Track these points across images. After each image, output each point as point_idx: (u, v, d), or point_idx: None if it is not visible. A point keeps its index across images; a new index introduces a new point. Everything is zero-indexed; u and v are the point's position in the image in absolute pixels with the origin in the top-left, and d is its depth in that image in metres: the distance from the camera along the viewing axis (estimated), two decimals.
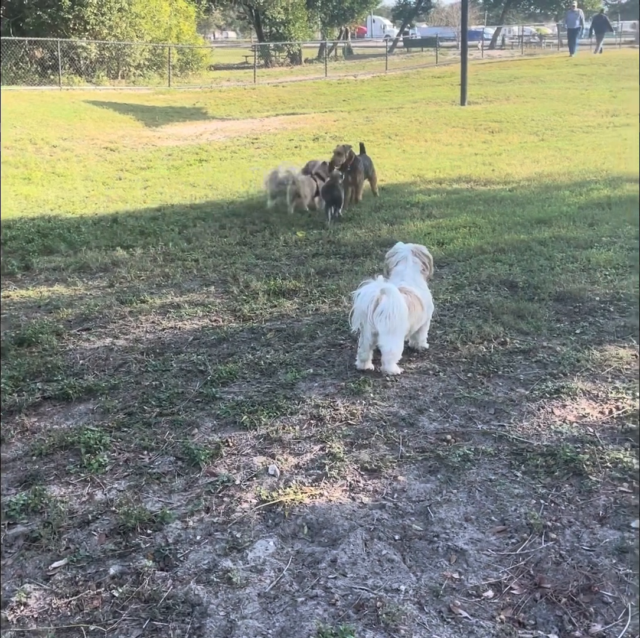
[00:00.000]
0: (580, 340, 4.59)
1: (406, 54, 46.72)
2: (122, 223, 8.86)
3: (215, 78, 32.76)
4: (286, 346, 4.81)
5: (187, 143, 16.61)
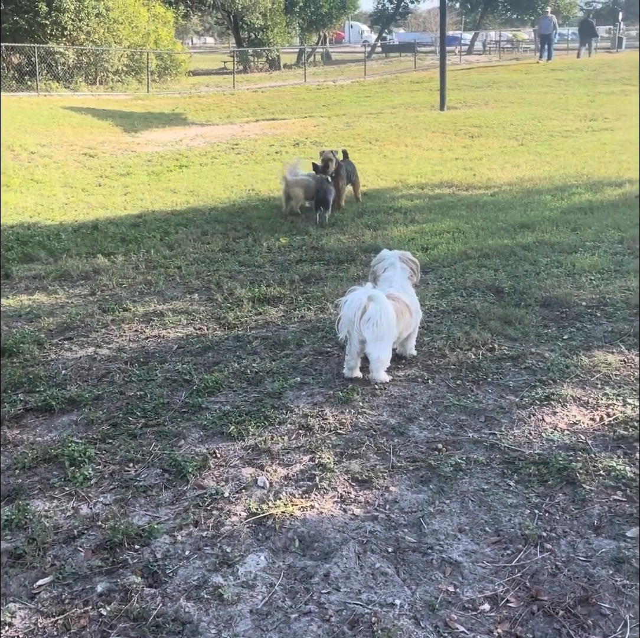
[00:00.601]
0: (568, 346, 4.57)
1: (384, 60, 46.85)
2: (102, 230, 8.77)
3: (194, 84, 32.67)
4: (272, 355, 4.76)
5: (166, 149, 16.52)
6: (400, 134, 16.99)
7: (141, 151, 16.40)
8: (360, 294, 4.13)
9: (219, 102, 26.20)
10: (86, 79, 27.80)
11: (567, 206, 8.75)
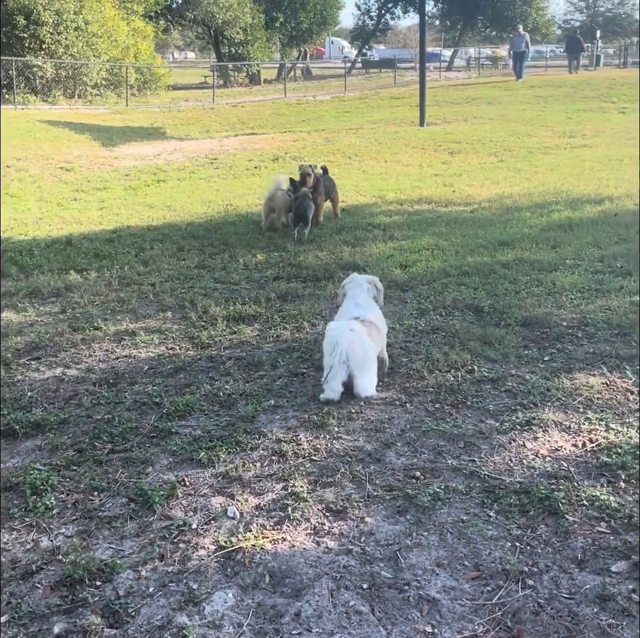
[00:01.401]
0: (549, 368, 4.46)
1: (365, 75, 47.01)
2: (76, 246, 8.60)
3: (173, 98, 32.54)
4: (246, 376, 4.62)
5: (144, 163, 16.36)
6: (380, 149, 16.94)
7: (119, 165, 16.23)
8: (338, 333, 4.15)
9: (199, 117, 26.09)
10: (65, 92, 27.62)
11: (547, 223, 8.69)
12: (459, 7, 52.99)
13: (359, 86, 38.04)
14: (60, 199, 12.29)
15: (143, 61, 31.77)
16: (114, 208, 11.29)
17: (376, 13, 55.09)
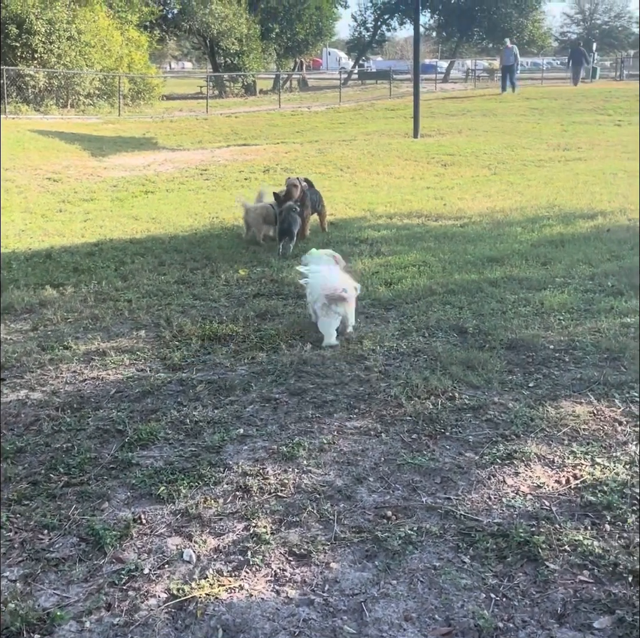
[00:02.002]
0: (533, 395, 4.24)
1: (361, 87, 46.98)
2: (56, 259, 8.38)
3: (167, 108, 32.43)
4: (216, 401, 4.39)
5: (133, 174, 16.16)
6: (373, 161, 16.77)
7: (107, 175, 16.03)
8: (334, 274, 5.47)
9: (191, 127, 25.96)
10: (57, 102, 27.48)
11: (538, 238, 8.49)
12: (456, 19, 53.11)
13: (355, 97, 37.97)
14: (45, 211, 12.08)
15: (137, 71, 31.64)
16: (99, 220, 11.08)
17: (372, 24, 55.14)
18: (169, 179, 15.44)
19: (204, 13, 39.70)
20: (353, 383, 4.53)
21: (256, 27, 42.22)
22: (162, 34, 40.89)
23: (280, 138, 22.91)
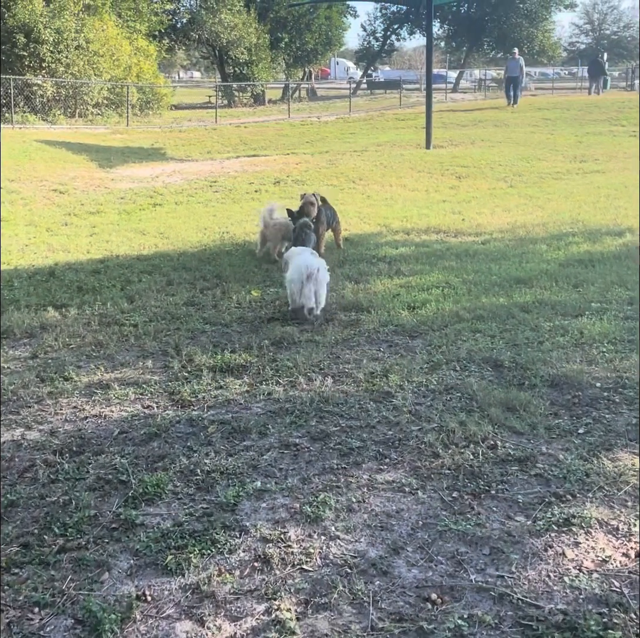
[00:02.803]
0: (585, 444, 3.80)
1: (369, 96, 46.67)
2: (59, 277, 7.99)
3: (176, 118, 32.12)
4: (230, 446, 3.96)
5: (141, 185, 15.78)
6: (385, 173, 16.36)
7: (114, 187, 15.66)
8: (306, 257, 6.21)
9: (200, 137, 25.61)
10: (65, 111, 27.17)
11: (565, 257, 8.06)
12: (465, 29, 52.78)
13: (364, 107, 37.62)
14: (50, 224, 11.70)
15: (146, 80, 31.34)
16: (105, 234, 10.69)
17: (382, 34, 54.86)
18: (177, 191, 15.06)
19: (213, 22, 39.49)
20: (381, 426, 4.10)
21: (265, 36, 41.97)
22: (171, 44, 40.65)
23: (290, 148, 22.54)
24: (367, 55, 56.64)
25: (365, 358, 5.17)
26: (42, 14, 25.01)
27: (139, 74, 30.62)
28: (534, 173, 15.85)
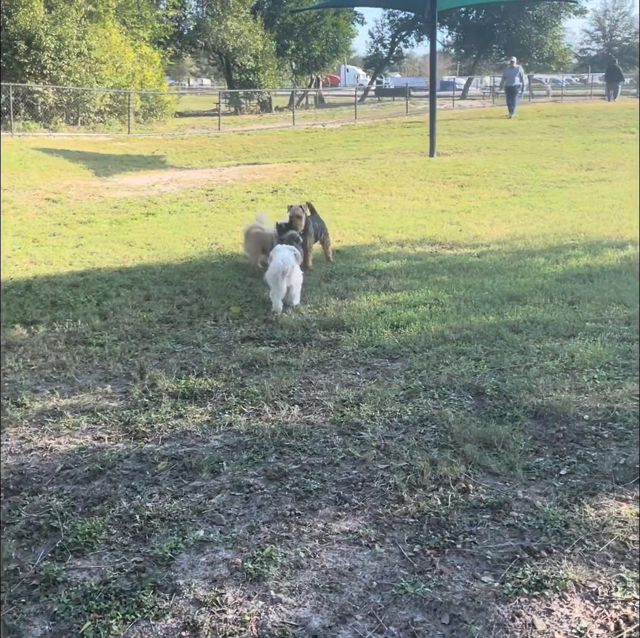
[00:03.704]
0: (567, 488, 3.41)
1: (377, 103, 46.39)
2: (35, 291, 7.67)
3: (180, 125, 31.88)
4: (177, 487, 3.60)
5: (136, 194, 15.48)
6: (386, 181, 16.02)
7: (109, 196, 15.36)
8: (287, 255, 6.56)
9: (202, 145, 25.33)
10: (67, 119, 26.96)
11: (563, 271, 7.68)
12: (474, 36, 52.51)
13: (371, 114, 37.34)
14: (38, 234, 11.40)
15: (149, 87, 31.12)
16: (91, 246, 10.37)
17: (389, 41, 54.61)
18: (172, 199, 14.75)
19: (219, 29, 39.31)
20: (345, 464, 3.73)
21: (272, 43, 41.76)
22: (177, 51, 40.52)
23: (292, 156, 22.23)
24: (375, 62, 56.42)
25: (338, 384, 4.81)
26: (44, 21, 24.83)
27: (142, 81, 30.41)
28: (539, 182, 15.46)
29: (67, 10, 25.72)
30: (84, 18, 26.73)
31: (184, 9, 40.99)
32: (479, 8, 50.42)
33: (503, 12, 50.33)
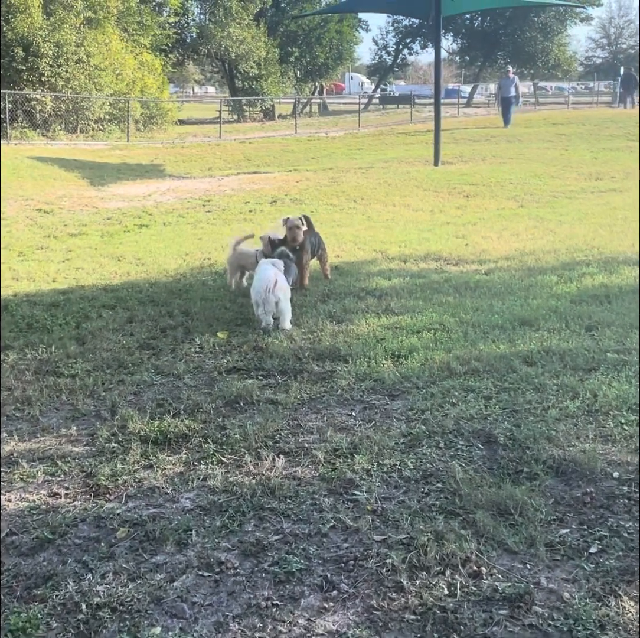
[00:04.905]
0: (599, 572, 2.85)
1: (381, 111, 45.94)
2: (11, 312, 7.14)
3: (181, 133, 31.39)
4: (136, 564, 3.05)
5: (131, 205, 14.98)
6: (389, 191, 15.49)
7: (103, 206, 14.85)
8: (269, 271, 6.18)
9: (202, 154, 24.85)
10: (66, 127, 26.50)
11: (578, 292, 7.13)
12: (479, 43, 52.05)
13: (375, 122, 36.88)
14: (25, 247, 10.88)
15: (150, 95, 30.65)
16: (79, 260, 9.85)
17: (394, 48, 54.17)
18: (168, 210, 14.24)
19: (222, 36, 38.92)
20: (335, 534, 3.18)
21: (275, 50, 41.35)
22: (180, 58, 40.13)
23: (293, 165, 21.73)
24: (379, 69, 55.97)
25: (331, 428, 4.25)
26: (42, 27, 24.38)
27: (143, 88, 29.95)
28: (547, 192, 14.93)
29: (66, 16, 25.28)
30: (83, 25, 26.30)
31: (187, 16, 40.60)
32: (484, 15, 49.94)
33: (508, 19, 49.83)
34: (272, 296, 6.09)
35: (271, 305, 6.15)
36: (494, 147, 23.75)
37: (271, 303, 6.13)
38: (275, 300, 6.12)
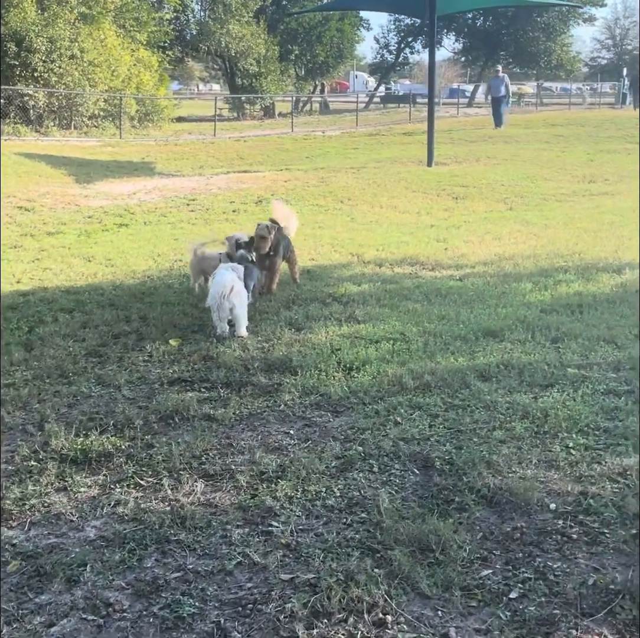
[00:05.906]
0: (516, 621, 2.55)
1: (382, 110, 45.63)
2: None
3: (176, 130, 31.13)
4: (18, 603, 2.78)
5: (114, 203, 14.73)
6: (378, 192, 15.23)
7: (85, 204, 14.61)
8: (226, 276, 5.92)
9: (195, 151, 24.60)
10: (60, 123, 26.25)
11: (551, 300, 6.87)
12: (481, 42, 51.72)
13: (373, 121, 36.61)
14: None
15: (146, 92, 30.38)
16: (49, 260, 9.61)
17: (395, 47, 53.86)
18: (150, 209, 13.98)
19: (221, 33, 38.64)
20: (240, 572, 2.92)
21: (275, 48, 41.05)
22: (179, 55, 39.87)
23: (286, 164, 21.45)
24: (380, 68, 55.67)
25: (263, 447, 4.00)
26: (35, 22, 24.13)
27: (138, 85, 29.68)
28: (537, 195, 14.65)
29: (60, 11, 25.03)
30: (78, 20, 26.04)
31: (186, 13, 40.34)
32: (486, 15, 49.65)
33: (510, 18, 49.52)
34: (227, 302, 5.87)
35: (225, 311, 5.95)
36: (490, 147, 23.48)
37: (225, 310, 5.93)
38: (230, 306, 5.91)
